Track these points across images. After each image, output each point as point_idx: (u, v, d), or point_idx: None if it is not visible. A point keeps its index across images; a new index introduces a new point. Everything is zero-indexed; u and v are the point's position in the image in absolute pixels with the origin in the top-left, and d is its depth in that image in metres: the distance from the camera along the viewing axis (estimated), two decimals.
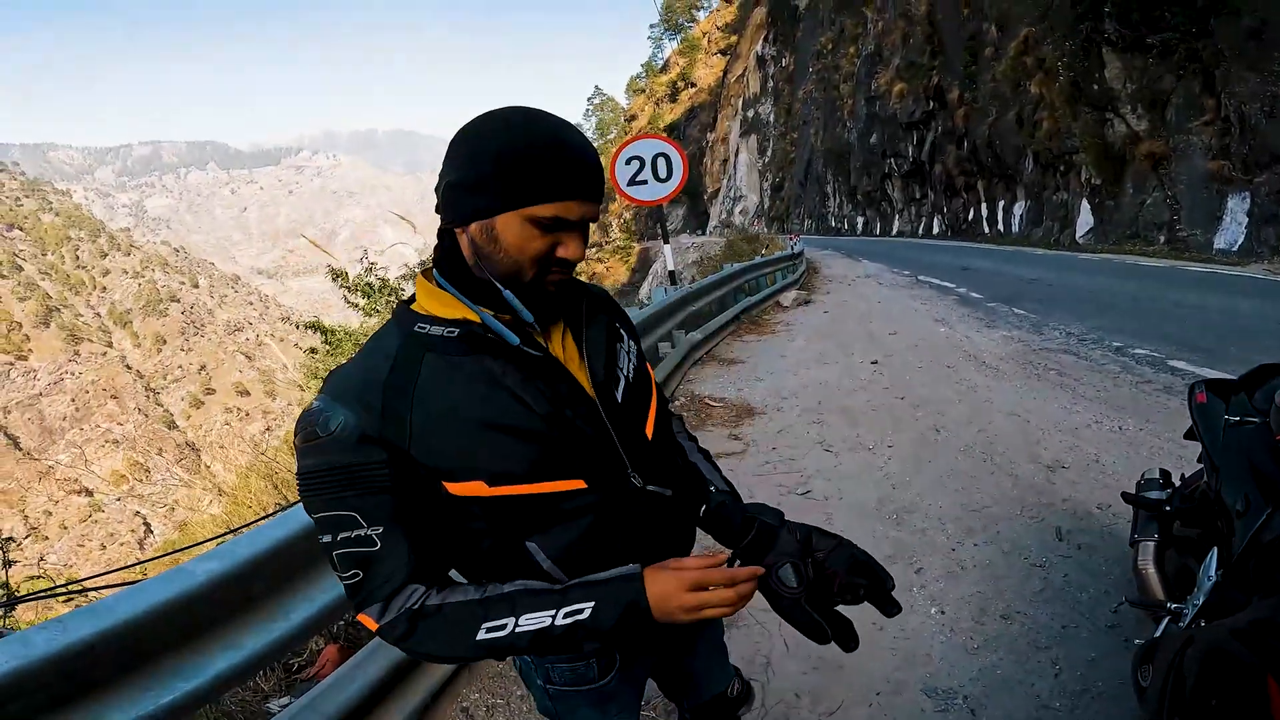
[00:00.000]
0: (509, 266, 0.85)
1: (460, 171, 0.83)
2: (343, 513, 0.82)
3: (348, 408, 0.82)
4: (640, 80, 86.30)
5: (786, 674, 2.23)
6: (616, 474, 0.92)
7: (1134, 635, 2.20)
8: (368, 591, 0.84)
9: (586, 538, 0.91)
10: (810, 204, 43.21)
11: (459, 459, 0.84)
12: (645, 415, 1.00)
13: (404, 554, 0.84)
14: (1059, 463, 3.68)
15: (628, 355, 1.02)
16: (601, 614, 0.84)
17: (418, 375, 0.85)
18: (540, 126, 0.83)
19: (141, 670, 1.47)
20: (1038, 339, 6.86)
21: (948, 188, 24.90)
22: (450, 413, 0.84)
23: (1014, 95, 18.50)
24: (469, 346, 0.86)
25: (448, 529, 0.89)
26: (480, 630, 0.84)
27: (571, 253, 0.85)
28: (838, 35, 37.72)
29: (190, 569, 1.62)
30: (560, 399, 0.88)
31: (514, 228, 0.83)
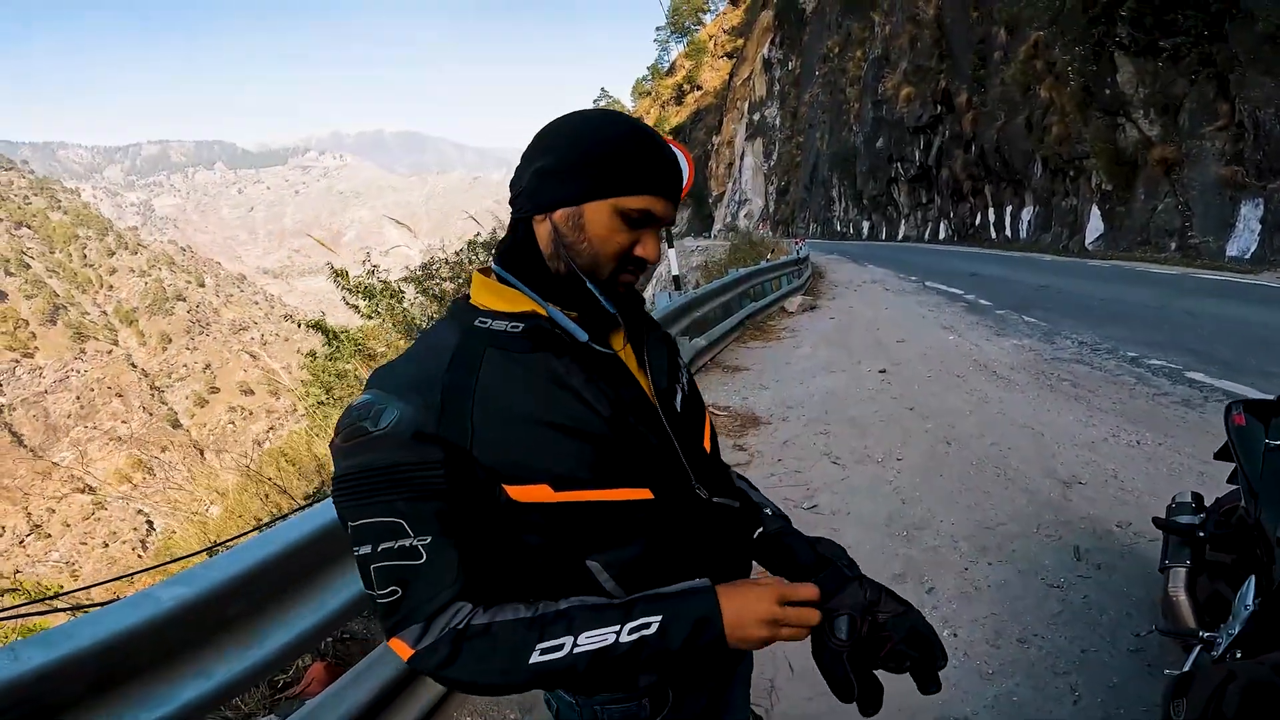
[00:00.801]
0: (589, 259, 0.82)
1: (554, 157, 0.82)
2: (388, 519, 0.75)
3: (404, 401, 0.76)
4: (646, 83, 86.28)
5: (792, 699, 2.12)
6: (681, 484, 0.88)
7: (1158, 660, 2.09)
8: (407, 611, 0.76)
9: (651, 554, 0.85)
10: (816, 208, 43.09)
11: (523, 460, 0.78)
12: (702, 428, 0.97)
13: (453, 569, 0.76)
14: (1075, 478, 3.56)
15: (682, 367, 1.00)
16: (671, 629, 0.76)
17: (479, 371, 0.80)
18: (638, 125, 0.84)
19: (100, 701, 1.39)
20: (1049, 348, 6.73)
21: (955, 192, 24.76)
22: (514, 411, 0.79)
23: (1023, 99, 18.36)
24: (533, 342, 0.82)
25: (500, 547, 0.81)
26: (534, 652, 0.75)
27: (649, 252, 0.84)
28: (845, 39, 37.61)
29: (156, 594, 1.53)
30: (623, 403, 0.85)
31: (602, 217, 0.81)
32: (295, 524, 1.93)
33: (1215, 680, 1.05)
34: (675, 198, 0.84)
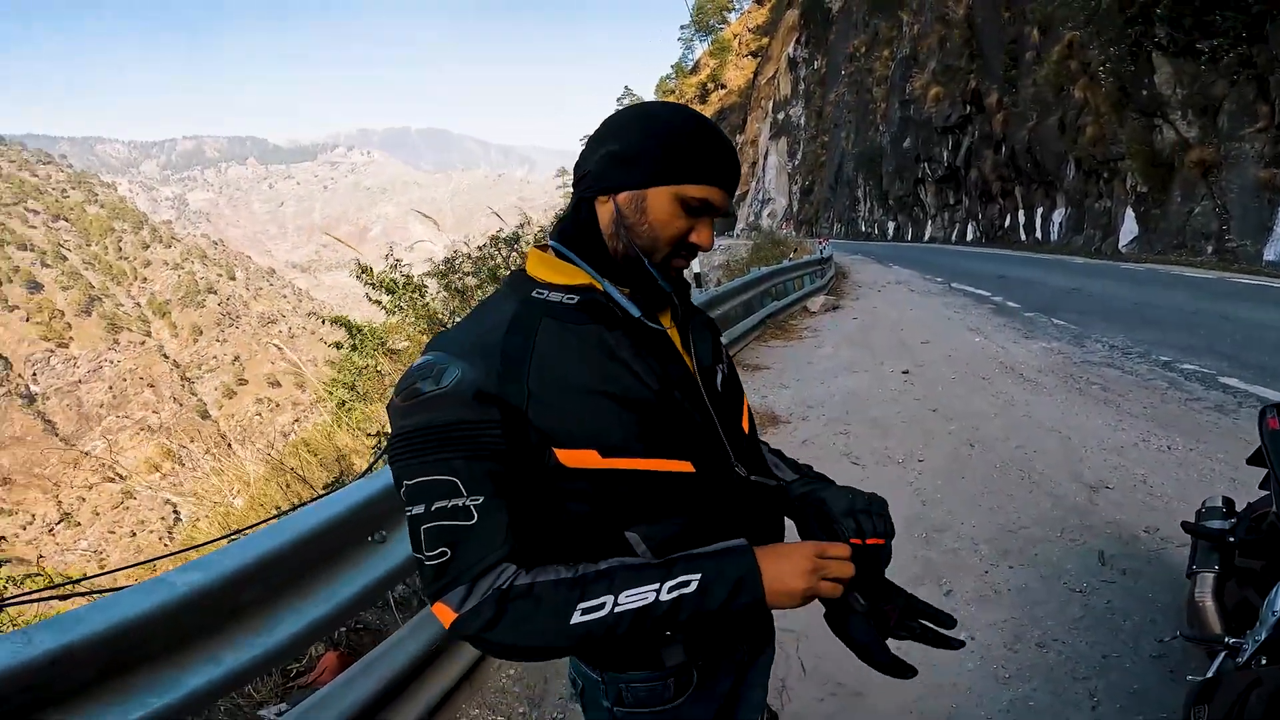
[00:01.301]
0: (647, 240, 0.86)
1: (623, 142, 0.85)
2: (443, 477, 0.77)
3: (463, 360, 0.80)
4: (670, 81, 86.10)
5: (803, 700, 2.09)
6: (721, 461, 0.91)
7: (1181, 667, 2.03)
8: (455, 574, 0.77)
9: (690, 530, 0.86)
10: (840, 208, 42.69)
11: (575, 425, 0.81)
12: (741, 408, 1.00)
13: (502, 531, 0.78)
14: (1102, 483, 3.48)
15: (725, 353, 1.04)
16: (712, 588, 0.78)
17: (535, 338, 0.83)
18: (704, 119, 0.87)
19: (111, 685, 1.39)
20: (1079, 351, 6.59)
21: (984, 193, 24.36)
22: (568, 378, 0.82)
23: (1056, 100, 18.01)
24: (588, 314, 0.86)
25: (549, 512, 0.83)
26: (576, 612, 0.76)
27: (704, 240, 0.87)
28: (871, 38, 37.20)
29: (170, 580, 1.55)
30: (670, 378, 0.88)
31: (663, 202, 0.84)
32: (309, 513, 1.93)
33: (1239, 686, 1.02)
34: (732, 190, 0.88)
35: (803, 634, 2.43)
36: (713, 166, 0.85)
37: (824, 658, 2.26)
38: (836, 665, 2.22)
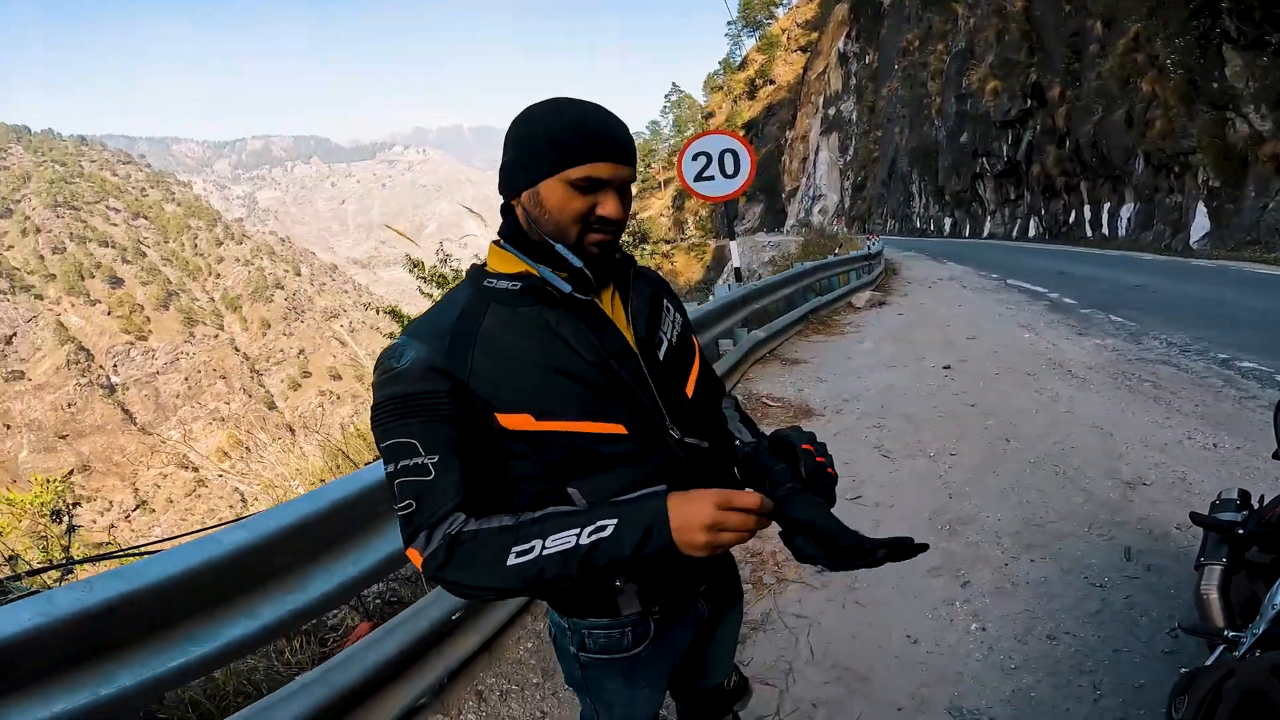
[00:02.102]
0: (554, 227, 0.95)
1: (511, 153, 0.97)
2: (405, 440, 0.90)
3: (419, 343, 0.93)
4: (718, 77, 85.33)
5: (808, 682, 2.13)
6: (655, 425, 0.99)
7: (1193, 661, 2.00)
8: (418, 522, 0.90)
9: (625, 485, 0.94)
10: (894, 204, 41.71)
11: (511, 393, 0.92)
12: (687, 376, 1.07)
13: (455, 483, 0.90)
14: (1140, 479, 3.38)
15: (672, 323, 1.10)
16: (624, 534, 0.86)
17: (482, 320, 0.95)
18: (570, 107, 0.96)
19: (157, 634, 1.51)
20: (1134, 348, 6.35)
21: (1046, 189, 23.47)
22: (508, 352, 0.94)
23: (1122, 93, 17.26)
24: (531, 297, 0.96)
25: (498, 470, 0.95)
26: (510, 554, 0.87)
27: (610, 210, 0.94)
28: (925, 32, 36.24)
29: (218, 538, 1.67)
30: (606, 349, 0.97)
31: (555, 191, 0.94)
32: (345, 481, 2.05)
33: (1214, 677, 1.03)
34: (616, 158, 0.94)
35: (814, 620, 2.47)
36: (586, 146, 0.92)
37: (833, 643, 2.29)
38: (845, 651, 2.25)
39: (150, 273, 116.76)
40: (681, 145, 6.54)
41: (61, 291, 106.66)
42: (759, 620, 2.49)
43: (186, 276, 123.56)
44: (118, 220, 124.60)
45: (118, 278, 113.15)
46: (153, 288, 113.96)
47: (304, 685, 1.77)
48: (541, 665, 2.32)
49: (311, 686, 1.76)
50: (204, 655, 1.56)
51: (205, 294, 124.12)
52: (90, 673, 1.38)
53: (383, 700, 1.92)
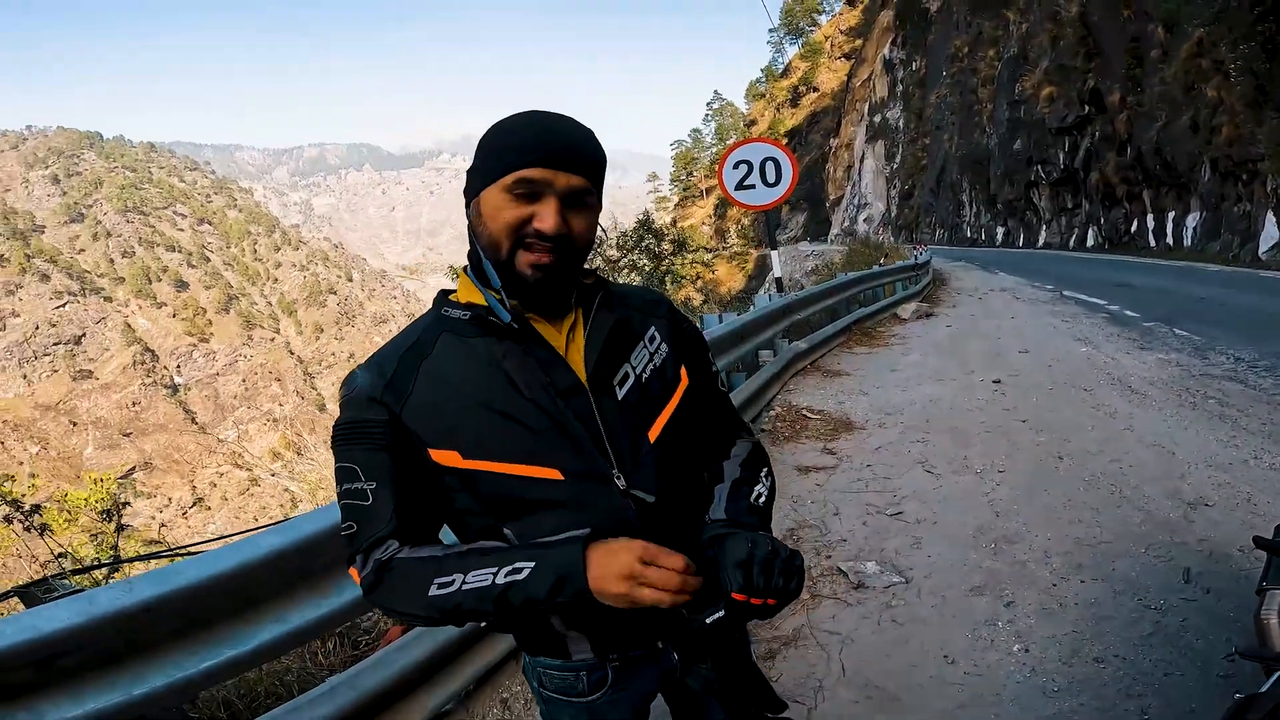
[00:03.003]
0: (489, 240, 0.89)
1: (472, 164, 0.93)
2: (348, 464, 0.90)
3: (368, 372, 0.92)
4: (760, 85, 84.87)
5: (837, 700, 2.06)
6: (598, 471, 0.91)
7: (1250, 686, 1.87)
8: (355, 545, 0.89)
9: (559, 531, 0.88)
10: (943, 213, 40.77)
11: (442, 429, 0.89)
12: (654, 417, 0.97)
13: (389, 511, 0.88)
14: (1202, 500, 3.21)
15: (649, 355, 1.00)
16: (537, 578, 0.82)
17: (431, 350, 0.92)
18: (523, 114, 0.91)
19: (192, 635, 1.53)
20: (1199, 364, 6.05)
21: (1106, 197, 22.64)
22: (446, 386, 0.90)
23: (1187, 99, 16.60)
24: (479, 328, 0.92)
25: (442, 501, 0.93)
26: (432, 585, 0.85)
27: (546, 224, 0.86)
28: (974, 38, 35.44)
29: (255, 541, 1.69)
30: (552, 386, 0.90)
31: (492, 198, 0.89)
32: None
33: (1270, 704, 0.96)
34: (558, 164, 0.87)
35: (847, 638, 2.40)
36: (523, 147, 0.87)
37: (866, 661, 2.23)
38: (878, 669, 2.18)
39: (213, 277, 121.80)
40: (723, 153, 6.50)
41: (130, 294, 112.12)
42: (790, 636, 2.43)
43: (246, 281, 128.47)
44: (184, 225, 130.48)
45: (183, 281, 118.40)
46: (215, 291, 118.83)
47: (332, 688, 1.78)
48: None
49: (339, 689, 1.78)
50: (235, 657, 1.58)
51: (263, 298, 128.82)
52: (125, 672, 1.40)
53: (409, 705, 1.93)
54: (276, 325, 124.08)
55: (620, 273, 10.41)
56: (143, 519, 61.15)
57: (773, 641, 2.40)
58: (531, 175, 0.86)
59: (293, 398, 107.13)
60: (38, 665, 1.28)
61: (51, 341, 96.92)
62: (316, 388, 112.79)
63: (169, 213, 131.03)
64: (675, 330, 1.05)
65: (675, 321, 1.06)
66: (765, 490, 1.03)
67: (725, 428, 1.10)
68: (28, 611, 1.36)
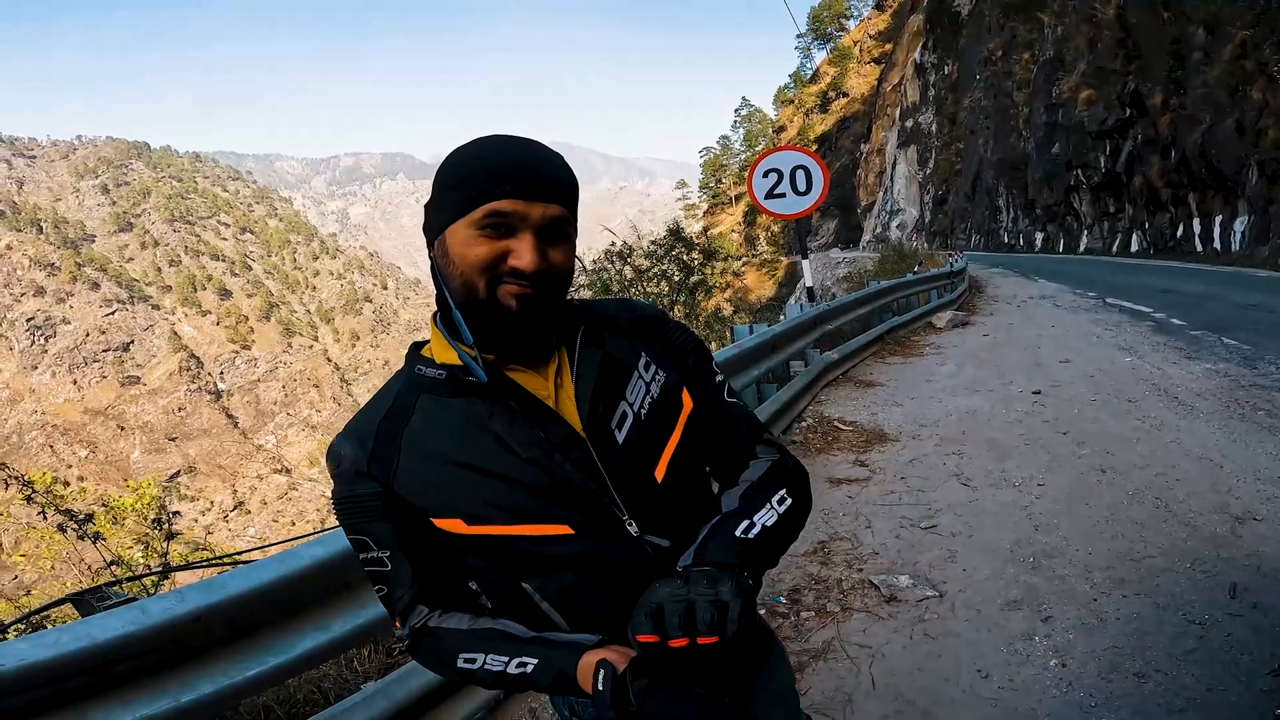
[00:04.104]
0: (461, 282, 0.82)
1: (430, 197, 0.86)
2: (358, 536, 0.88)
3: (349, 443, 0.88)
4: (788, 91, 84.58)
5: (867, 714, 2.04)
6: (608, 521, 0.87)
7: None
8: (389, 607, 0.91)
9: (580, 580, 0.88)
10: (979, 218, 40.05)
11: (440, 499, 0.86)
12: (659, 454, 0.91)
13: (408, 578, 0.88)
14: (1251, 514, 3.11)
15: (644, 385, 0.92)
16: (540, 674, 0.83)
17: (409, 417, 0.87)
18: (486, 139, 0.85)
19: (238, 644, 1.58)
20: (1249, 374, 5.85)
21: (1150, 201, 22.02)
22: (434, 454, 0.86)
23: (1231, 101, 16.14)
24: (455, 389, 0.86)
25: (452, 563, 0.91)
26: (459, 659, 0.87)
27: (524, 261, 0.79)
28: (1008, 41, 34.90)
29: (298, 552, 1.74)
30: (547, 441, 0.85)
31: (459, 235, 0.82)
32: None
33: None
34: (529, 195, 0.80)
35: (878, 651, 2.37)
36: (492, 180, 0.80)
37: (897, 675, 2.20)
38: (909, 683, 2.15)
39: (255, 285, 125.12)
40: (752, 161, 6.48)
41: (176, 302, 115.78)
42: (820, 649, 2.41)
43: (286, 289, 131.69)
44: (227, 235, 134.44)
45: (226, 290, 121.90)
46: (257, 299, 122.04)
47: (366, 697, 1.82)
48: None
49: (374, 698, 1.81)
50: (279, 665, 1.62)
51: (302, 306, 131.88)
52: (174, 679, 1.45)
53: (441, 713, 1.95)
54: (315, 333, 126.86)
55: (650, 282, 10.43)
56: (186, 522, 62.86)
57: (801, 654, 2.38)
58: (503, 208, 0.80)
59: (330, 404, 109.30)
60: (92, 672, 1.33)
61: (101, 348, 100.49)
62: (353, 394, 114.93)
63: (213, 222, 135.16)
64: (669, 348, 0.97)
65: (667, 337, 0.98)
66: (768, 519, 0.89)
67: (737, 446, 1.00)
68: (83, 620, 1.41)
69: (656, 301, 9.91)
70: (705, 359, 1.00)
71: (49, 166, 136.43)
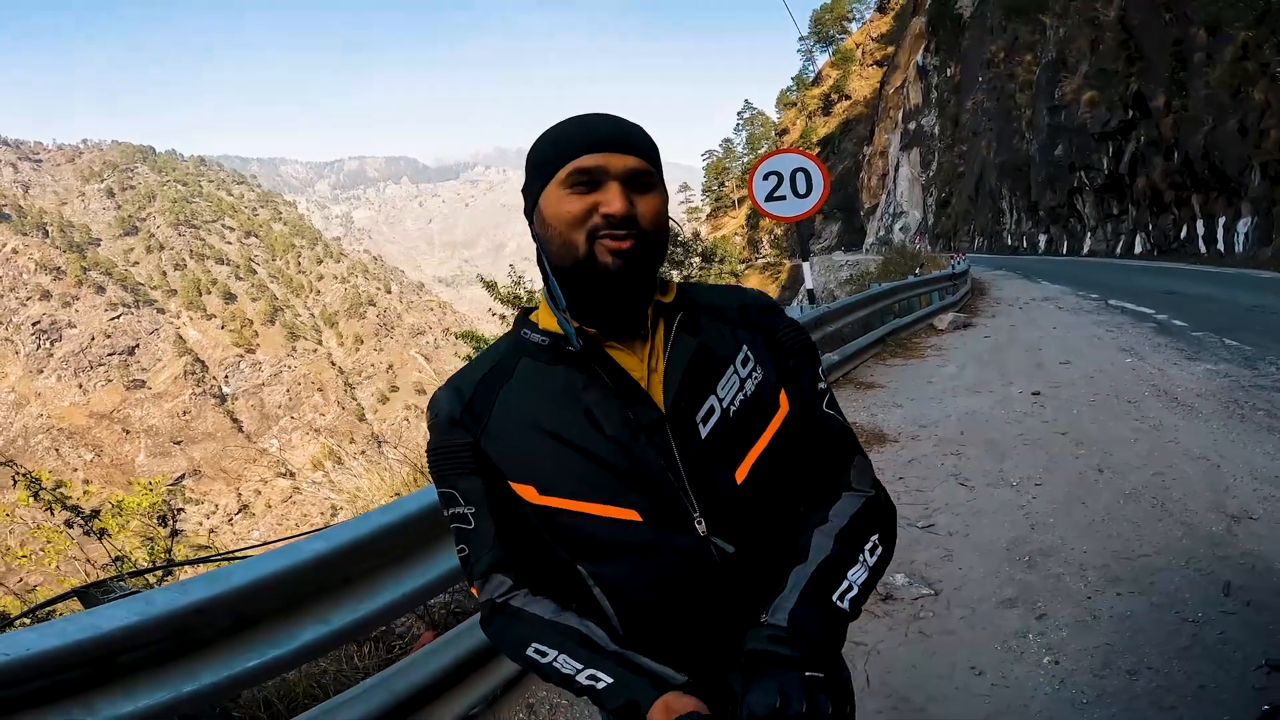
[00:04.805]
0: (560, 245, 0.84)
1: (524, 183, 0.90)
2: (446, 490, 0.90)
3: (448, 393, 0.91)
4: (791, 93, 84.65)
5: (862, 710, 2.02)
6: (678, 514, 0.84)
7: None
8: (469, 569, 0.91)
9: (636, 574, 0.86)
10: (982, 221, 40.02)
11: (519, 462, 0.87)
12: (742, 455, 0.87)
13: (490, 538, 0.89)
14: (1247, 513, 3.13)
15: (738, 381, 0.89)
16: (610, 696, 0.81)
17: (510, 377, 0.89)
18: (566, 118, 0.88)
19: (240, 635, 1.61)
20: (1250, 374, 5.85)
21: (1153, 203, 22.00)
22: (523, 417, 0.87)
23: (1234, 102, 16.14)
24: (555, 356, 0.87)
25: (532, 534, 0.90)
26: (529, 648, 0.86)
27: (614, 206, 0.81)
28: (1010, 43, 34.91)
29: (299, 546, 1.78)
30: (635, 422, 0.84)
31: (551, 198, 0.84)
32: (417, 496, 2.14)
33: None
34: (607, 147, 0.83)
35: (874, 649, 2.39)
36: (572, 141, 0.84)
37: (892, 671, 2.22)
38: (903, 680, 2.18)
39: (259, 289, 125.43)
40: (752, 165, 6.51)
41: (181, 306, 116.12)
42: None
43: (290, 293, 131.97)
44: (232, 239, 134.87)
45: (231, 294, 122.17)
46: (261, 303, 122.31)
47: (366, 690, 1.85)
48: None
49: (373, 691, 1.84)
50: (279, 657, 1.65)
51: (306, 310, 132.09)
52: (176, 670, 1.48)
53: (438, 707, 1.98)
54: (319, 337, 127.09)
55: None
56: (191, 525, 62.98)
57: None
58: (586, 164, 0.82)
59: (334, 408, 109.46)
60: (96, 663, 1.36)
61: (106, 352, 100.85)
62: (356, 398, 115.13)
63: (218, 226, 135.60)
64: (773, 344, 0.94)
65: (773, 332, 0.95)
66: (861, 577, 0.87)
67: (828, 465, 0.94)
68: (87, 611, 1.44)
69: None
70: (810, 361, 0.96)
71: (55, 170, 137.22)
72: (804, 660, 0.76)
